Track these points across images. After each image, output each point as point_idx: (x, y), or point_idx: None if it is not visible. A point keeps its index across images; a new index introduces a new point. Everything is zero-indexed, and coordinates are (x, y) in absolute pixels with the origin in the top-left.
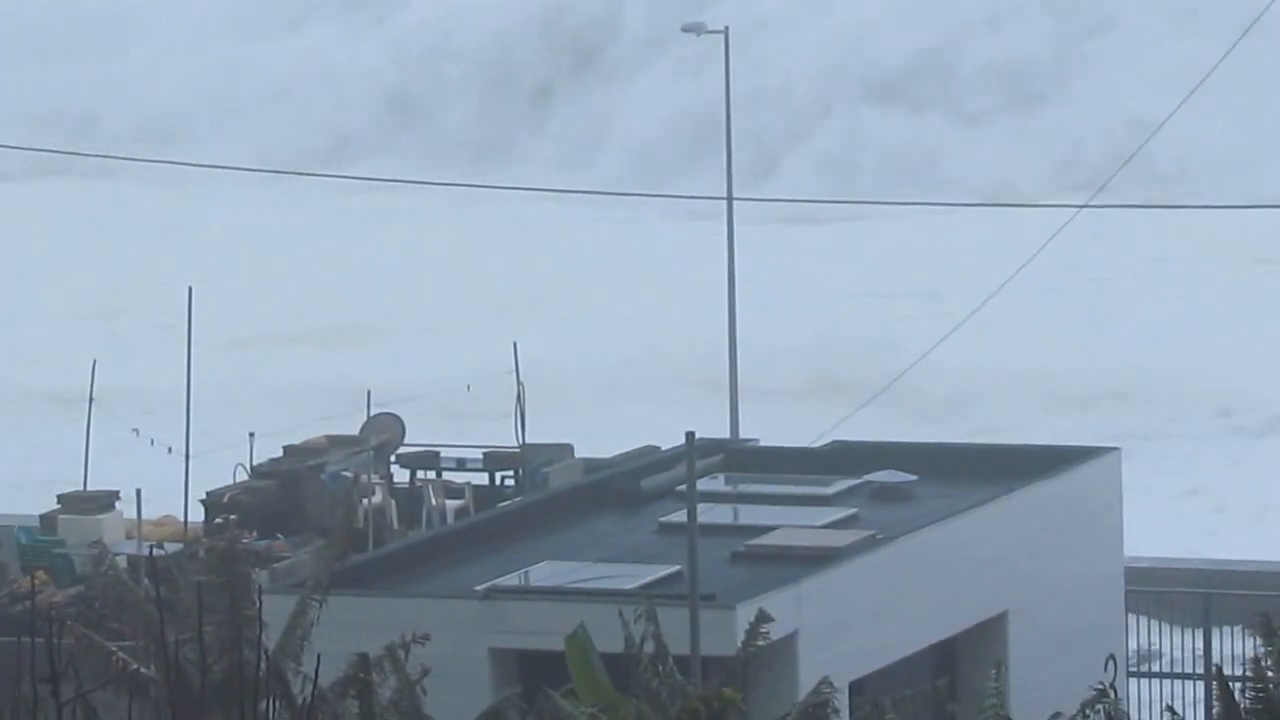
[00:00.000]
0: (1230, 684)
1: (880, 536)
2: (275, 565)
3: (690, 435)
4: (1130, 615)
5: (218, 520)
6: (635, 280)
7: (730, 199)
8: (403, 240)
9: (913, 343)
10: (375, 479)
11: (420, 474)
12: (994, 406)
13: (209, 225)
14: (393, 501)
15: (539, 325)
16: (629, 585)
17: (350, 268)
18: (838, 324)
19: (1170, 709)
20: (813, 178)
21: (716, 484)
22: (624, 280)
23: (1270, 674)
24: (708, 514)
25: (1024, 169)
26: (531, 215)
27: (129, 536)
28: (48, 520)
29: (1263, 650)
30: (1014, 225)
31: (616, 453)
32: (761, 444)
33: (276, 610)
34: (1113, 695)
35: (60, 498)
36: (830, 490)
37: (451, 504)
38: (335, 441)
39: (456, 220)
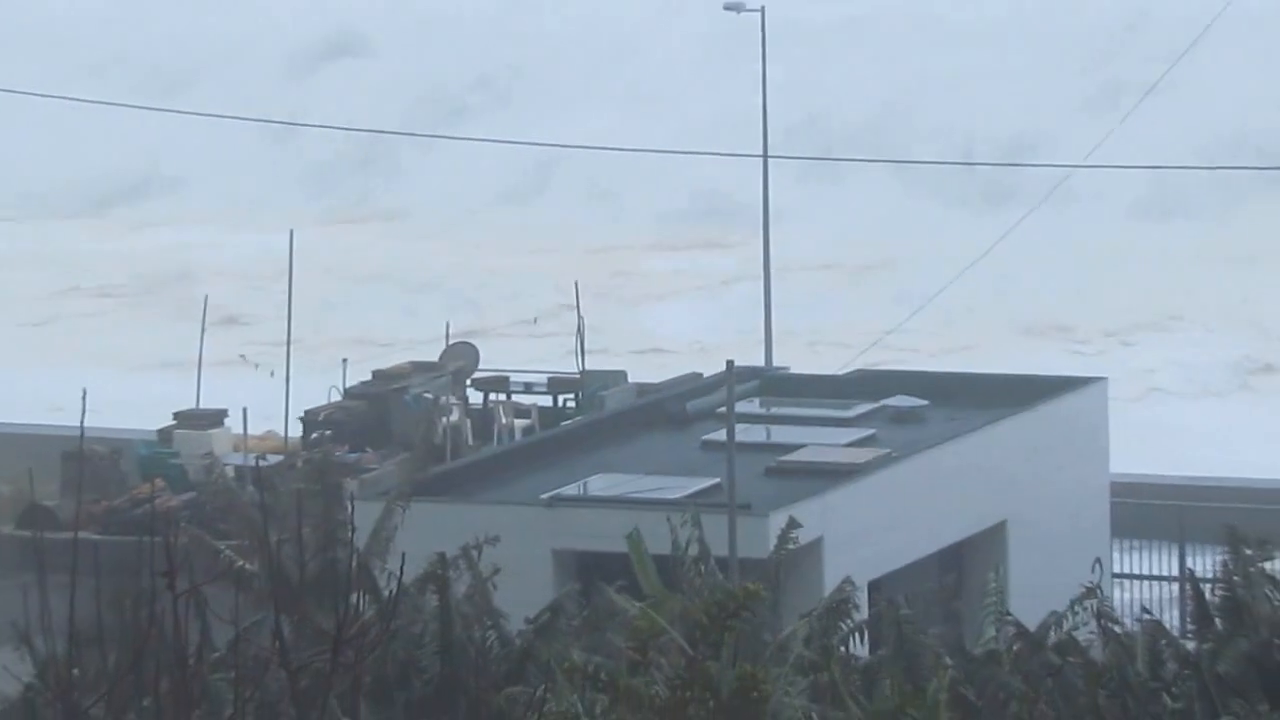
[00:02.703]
0: (1201, 585)
1: (895, 454)
2: (364, 475)
3: (730, 363)
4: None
5: (314, 435)
6: None
7: (766, 157)
8: None
9: None
10: (452, 400)
11: (492, 396)
12: None
13: None
14: (468, 420)
15: None
16: (675, 495)
17: None
18: None
19: (1145, 608)
20: None
21: (752, 406)
22: None
23: (1235, 576)
24: (744, 433)
25: None
26: None
27: (236, 449)
28: (164, 434)
29: (1228, 556)
30: None
31: (665, 378)
32: (792, 371)
33: (365, 515)
34: (1099, 594)
35: (176, 414)
36: (852, 413)
37: (519, 423)
38: (418, 367)
39: None
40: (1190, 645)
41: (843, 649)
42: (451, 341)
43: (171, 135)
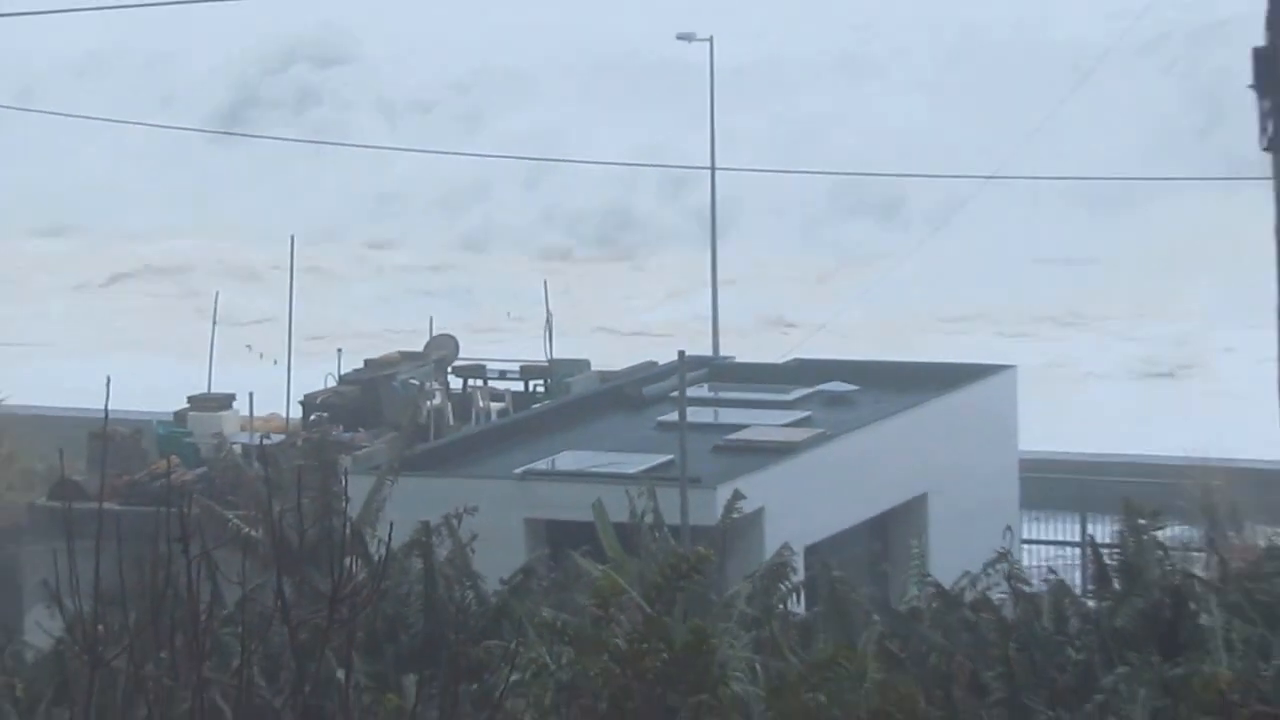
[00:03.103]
0: (1100, 550)
1: (829, 434)
2: (357, 453)
3: (681, 353)
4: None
5: (312, 417)
6: None
7: (713, 168)
8: None
9: None
10: (435, 386)
11: (470, 382)
12: None
13: None
14: (449, 403)
15: None
16: (633, 470)
17: None
18: None
19: (1053, 570)
20: None
21: (702, 391)
22: None
23: (1130, 543)
24: (694, 415)
25: None
26: None
27: (243, 429)
28: (179, 416)
29: (1124, 524)
30: None
31: (624, 367)
32: (737, 360)
33: (357, 488)
34: (1009, 558)
35: (189, 398)
36: (790, 397)
37: (495, 405)
38: (405, 356)
39: None
40: (1091, 604)
41: (782, 607)
42: (435, 334)
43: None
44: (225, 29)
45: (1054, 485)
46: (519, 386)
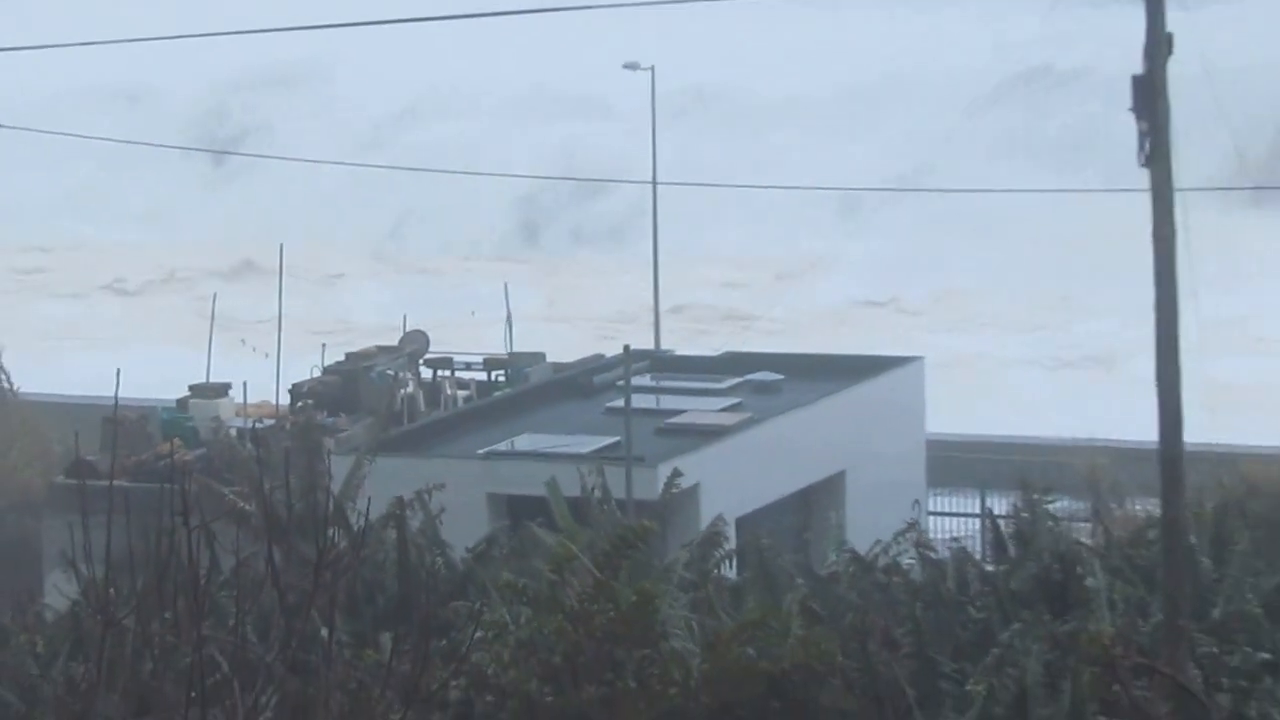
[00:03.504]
0: (998, 521)
1: (757, 418)
2: (339, 436)
3: (627, 347)
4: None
5: (299, 404)
6: None
7: (655, 183)
8: None
9: None
10: (408, 376)
11: (440, 372)
12: None
13: None
14: (420, 392)
15: None
16: (584, 450)
17: None
18: None
19: (956, 538)
20: None
21: (645, 381)
22: None
23: (1024, 514)
24: (638, 402)
25: None
26: None
27: (237, 415)
28: (181, 403)
29: (1020, 497)
30: None
31: (575, 359)
32: (677, 353)
33: (339, 467)
34: (917, 528)
35: (190, 387)
36: (723, 385)
37: (461, 393)
38: (381, 350)
39: None
40: (989, 568)
41: (716, 572)
42: (408, 329)
43: None
44: (193, 65)
45: (958, 464)
46: (483, 376)
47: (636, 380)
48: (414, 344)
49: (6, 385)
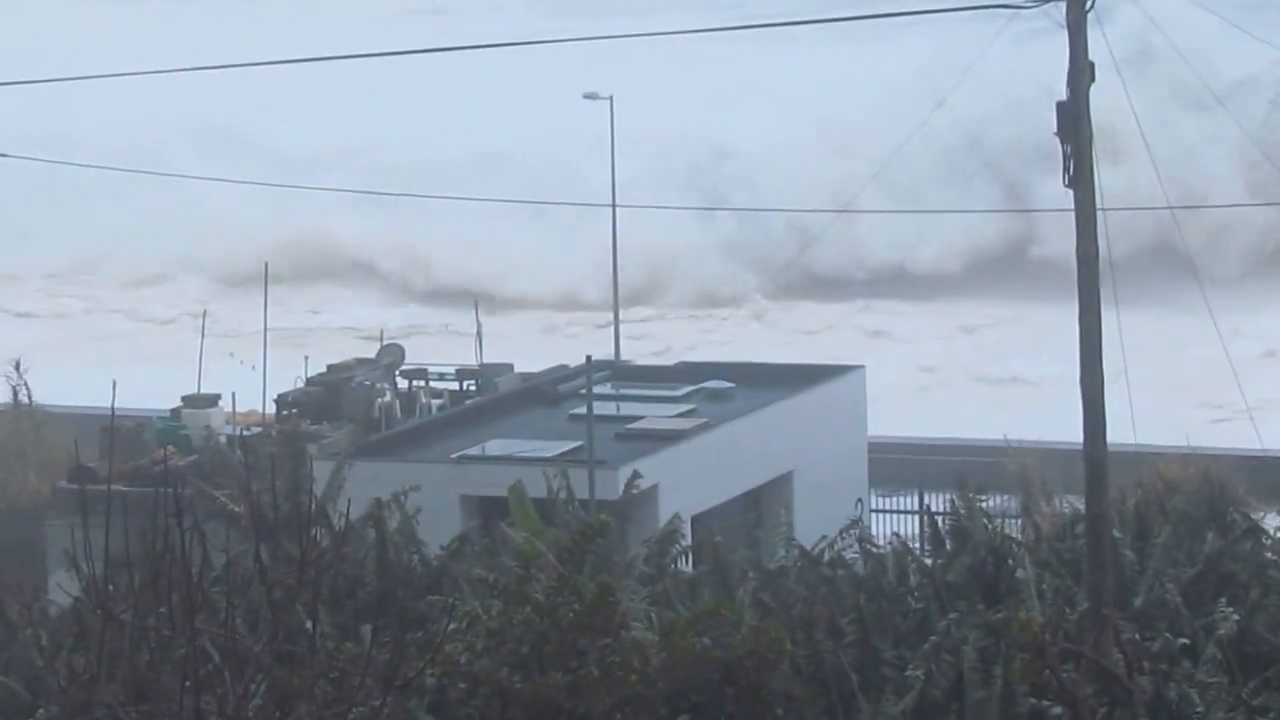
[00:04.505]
0: (935, 517)
1: (711, 423)
2: (321, 442)
3: (589, 358)
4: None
5: (284, 413)
6: None
7: (614, 205)
8: None
9: None
10: (385, 386)
11: (414, 382)
12: None
13: None
14: (397, 401)
15: None
16: (549, 454)
17: None
18: None
19: (896, 533)
20: None
21: (606, 389)
22: None
23: (960, 510)
24: (600, 408)
25: None
26: None
27: (227, 423)
28: (175, 412)
29: (956, 495)
30: None
31: (540, 369)
32: (636, 363)
33: (322, 471)
34: (860, 524)
35: (184, 397)
36: (679, 393)
37: (435, 402)
38: (360, 362)
39: None
40: (928, 561)
41: (673, 566)
42: (385, 343)
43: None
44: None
45: (898, 465)
46: (455, 386)
47: (598, 389)
48: (390, 356)
49: (25, 397)
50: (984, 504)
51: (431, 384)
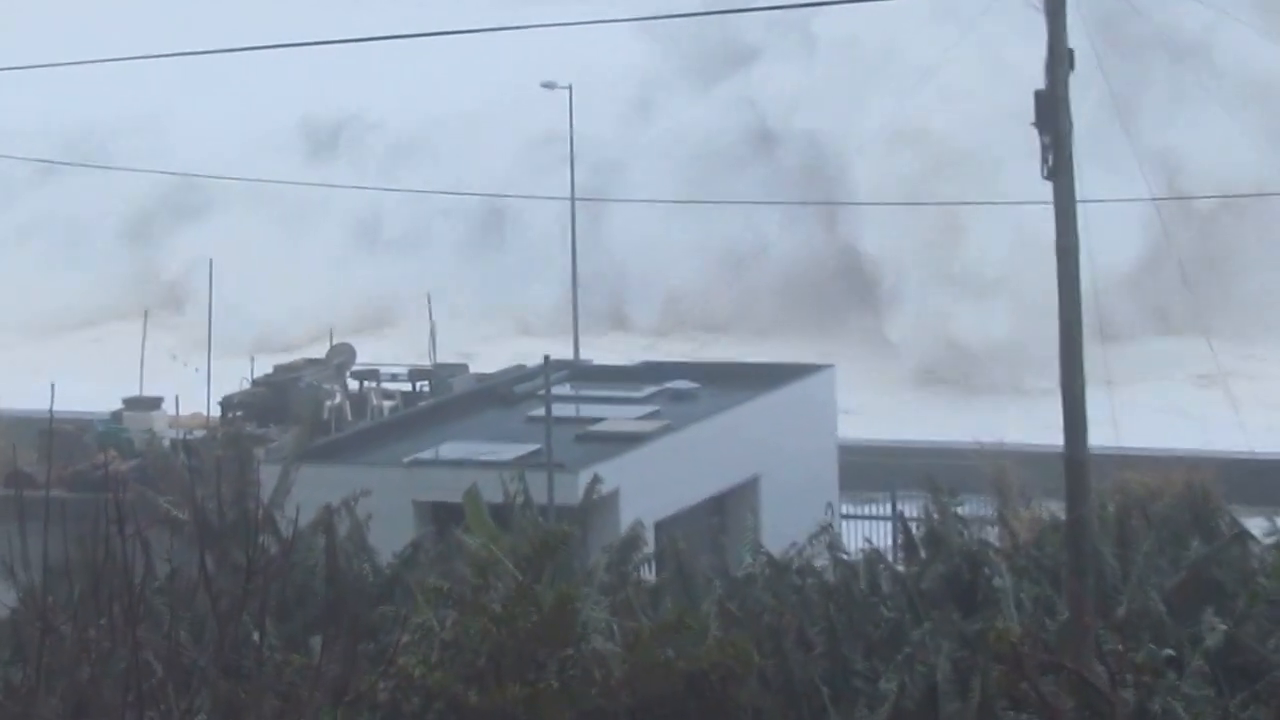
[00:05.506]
0: (908, 523)
1: (674, 425)
2: (268, 445)
3: (546, 357)
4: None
5: (229, 415)
6: None
7: (573, 200)
8: None
9: None
10: (335, 387)
11: (366, 383)
12: None
13: None
14: (347, 402)
15: None
16: (506, 458)
17: None
18: None
19: (868, 540)
20: None
21: (565, 390)
22: None
23: (934, 516)
24: (559, 410)
25: None
26: None
27: (171, 426)
28: (116, 415)
29: (929, 500)
30: None
31: (496, 369)
32: (595, 363)
33: (269, 475)
34: (830, 530)
35: (125, 400)
36: (641, 394)
37: (387, 403)
38: (309, 362)
39: None
40: (901, 569)
41: (635, 574)
42: (335, 342)
43: None
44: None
45: (870, 468)
46: (407, 387)
47: (556, 389)
48: (341, 356)
49: None
50: (959, 509)
51: (383, 385)
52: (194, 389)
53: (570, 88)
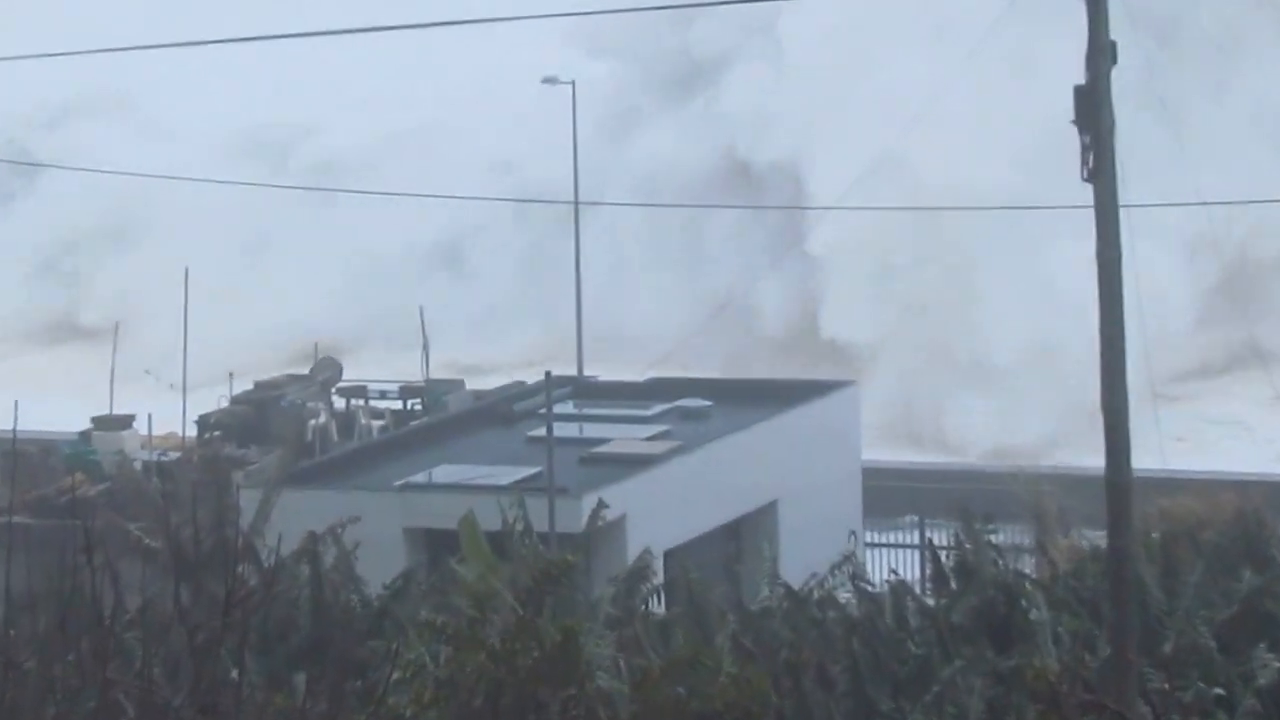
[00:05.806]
0: (938, 551)
1: (685, 446)
2: (248, 468)
3: (548, 373)
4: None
5: (206, 436)
6: None
7: (576, 203)
8: None
9: None
10: (320, 405)
11: (353, 401)
12: None
13: None
14: (333, 421)
15: None
16: (504, 481)
17: None
18: None
19: (894, 570)
20: None
21: (567, 408)
22: None
23: (966, 545)
24: (561, 430)
25: None
26: None
27: (143, 447)
28: (85, 435)
29: (961, 528)
30: None
31: (495, 386)
32: (600, 379)
33: (249, 500)
34: (853, 560)
35: (93, 419)
36: (650, 412)
37: (376, 423)
38: (292, 378)
39: None
40: (930, 601)
41: (643, 607)
42: (320, 357)
43: None
44: None
45: (896, 493)
46: (398, 405)
47: (559, 408)
48: (326, 371)
49: None
50: (992, 537)
51: (372, 403)
52: (167, 407)
53: (573, 84)
